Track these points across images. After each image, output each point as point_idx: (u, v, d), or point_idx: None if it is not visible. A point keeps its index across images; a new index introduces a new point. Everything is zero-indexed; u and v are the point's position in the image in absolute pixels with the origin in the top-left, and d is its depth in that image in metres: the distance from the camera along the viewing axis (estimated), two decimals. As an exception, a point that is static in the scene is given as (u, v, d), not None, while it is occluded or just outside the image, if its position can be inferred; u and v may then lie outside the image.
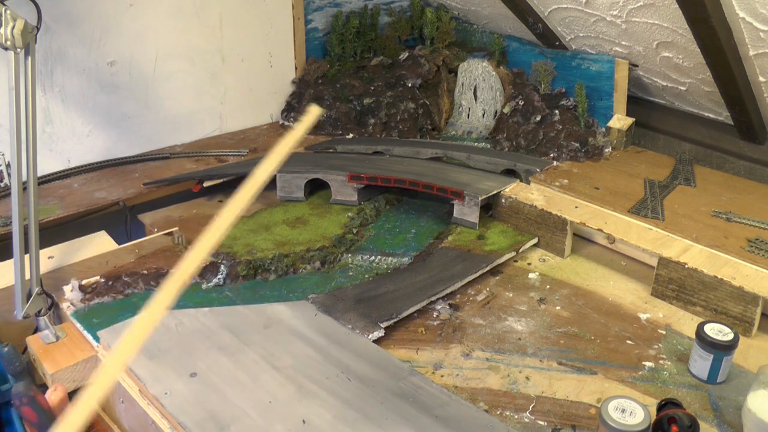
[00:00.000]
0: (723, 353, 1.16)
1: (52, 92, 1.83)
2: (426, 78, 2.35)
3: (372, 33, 2.47)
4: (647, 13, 1.80)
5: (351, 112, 2.30)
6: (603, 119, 2.13)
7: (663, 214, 1.65)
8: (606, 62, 2.09)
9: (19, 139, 1.22)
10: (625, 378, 1.20)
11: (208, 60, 2.14)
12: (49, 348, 1.24)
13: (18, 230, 1.22)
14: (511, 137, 2.18)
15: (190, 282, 1.42)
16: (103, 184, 1.85)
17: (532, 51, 2.29)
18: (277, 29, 2.29)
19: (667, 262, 1.43)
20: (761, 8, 1.51)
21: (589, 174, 1.91)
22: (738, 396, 1.16)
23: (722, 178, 1.93)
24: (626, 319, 1.38)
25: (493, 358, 1.24)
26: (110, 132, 1.98)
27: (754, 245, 1.50)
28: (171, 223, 1.71)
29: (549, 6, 2.07)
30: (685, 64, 1.90)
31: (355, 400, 1.05)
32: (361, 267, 1.54)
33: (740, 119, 1.90)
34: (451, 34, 2.46)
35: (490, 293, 1.46)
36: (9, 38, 1.19)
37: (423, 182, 1.72)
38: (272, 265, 1.49)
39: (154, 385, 1.06)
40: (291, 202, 1.84)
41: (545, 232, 1.64)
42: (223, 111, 2.25)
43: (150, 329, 0.65)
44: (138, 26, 1.94)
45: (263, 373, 1.10)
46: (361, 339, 1.23)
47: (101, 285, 1.38)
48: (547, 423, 1.08)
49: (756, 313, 1.32)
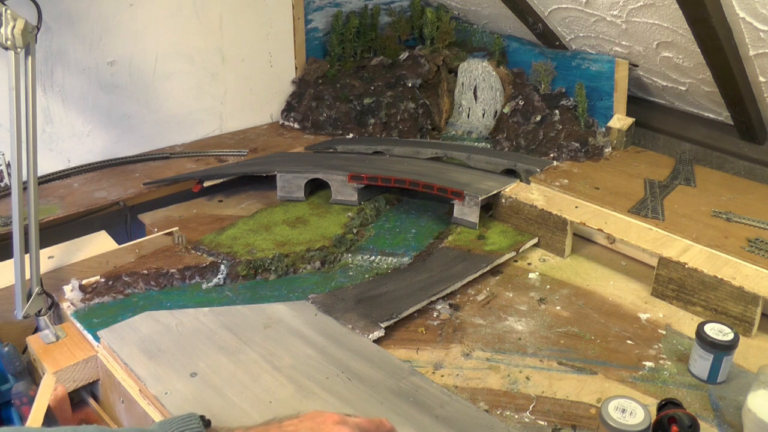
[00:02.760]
0: (723, 353, 1.16)
1: (53, 92, 1.83)
2: (426, 78, 2.35)
3: (372, 33, 2.47)
4: (647, 13, 1.80)
5: (351, 112, 2.30)
6: (603, 119, 2.13)
7: (663, 214, 1.65)
8: (606, 62, 2.09)
9: (19, 139, 1.22)
10: (625, 378, 1.20)
11: (208, 60, 2.14)
12: (49, 348, 1.24)
13: (18, 230, 1.22)
14: (511, 137, 2.18)
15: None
16: (103, 183, 1.85)
17: (532, 51, 2.29)
18: (277, 29, 2.29)
19: (667, 262, 1.43)
20: (761, 8, 1.51)
21: (589, 174, 1.91)
22: (738, 396, 1.16)
23: (722, 178, 1.93)
24: (626, 319, 1.38)
25: (494, 358, 1.24)
26: (110, 132, 1.98)
27: (754, 245, 1.50)
28: (171, 223, 1.71)
29: (549, 6, 2.07)
30: (685, 64, 1.90)
31: (355, 400, 1.05)
32: (361, 267, 1.54)
33: (740, 119, 1.90)
34: (451, 34, 2.47)
35: (490, 293, 1.46)
36: (9, 38, 1.19)
37: (423, 182, 1.72)
38: (272, 265, 1.49)
39: (154, 385, 1.06)
40: (291, 202, 1.84)
41: (545, 232, 1.64)
42: (223, 111, 2.25)
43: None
44: (138, 26, 1.94)
45: (263, 373, 1.10)
46: (361, 339, 1.23)
47: (101, 285, 1.38)
48: (548, 423, 1.08)
49: (756, 313, 1.32)
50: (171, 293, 1.40)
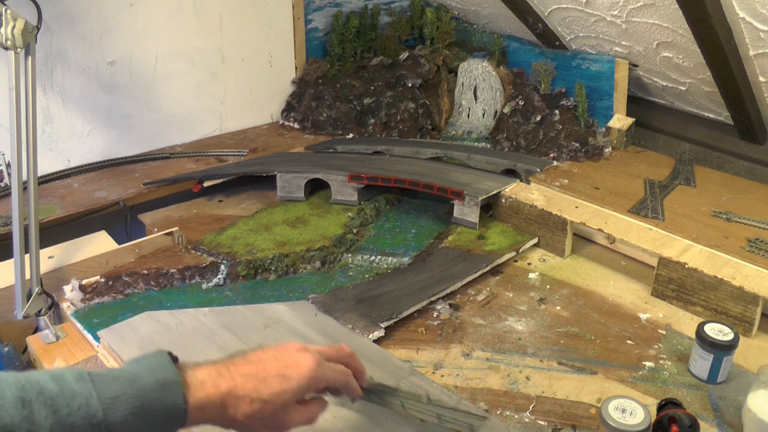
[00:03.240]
0: (723, 353, 1.16)
1: (52, 92, 1.83)
2: (426, 78, 2.35)
3: (372, 33, 2.47)
4: (647, 13, 1.80)
5: (351, 112, 2.30)
6: (603, 119, 2.13)
7: (663, 214, 1.65)
8: (606, 62, 2.09)
9: (19, 139, 1.22)
10: (625, 378, 1.20)
11: (208, 60, 2.14)
12: (49, 348, 1.24)
13: (18, 230, 1.22)
14: (511, 137, 2.18)
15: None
16: (103, 183, 1.85)
17: (532, 51, 2.29)
18: (277, 29, 2.29)
19: (667, 262, 1.43)
20: (761, 8, 1.51)
21: (589, 174, 1.91)
22: (738, 396, 1.16)
23: (722, 178, 1.93)
24: (626, 319, 1.38)
25: (494, 358, 1.24)
26: (110, 132, 1.98)
27: (754, 245, 1.50)
28: (171, 223, 1.71)
29: (549, 6, 2.07)
30: (685, 64, 1.90)
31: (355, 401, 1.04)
32: (361, 267, 1.54)
33: (740, 119, 1.90)
34: (451, 34, 2.47)
35: (490, 293, 1.46)
36: (9, 38, 1.19)
37: (423, 182, 1.72)
38: (272, 265, 1.49)
39: (155, 385, 1.06)
40: (291, 202, 1.84)
41: (545, 232, 1.64)
42: (223, 111, 2.25)
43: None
44: (138, 26, 1.94)
45: (263, 373, 1.10)
46: (361, 339, 1.23)
47: (101, 285, 1.38)
48: (548, 423, 1.08)
49: (756, 313, 1.32)
50: (171, 293, 1.40)
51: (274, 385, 0.78)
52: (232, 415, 0.76)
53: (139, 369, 0.73)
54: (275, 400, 0.78)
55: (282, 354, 0.82)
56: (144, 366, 0.74)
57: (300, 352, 0.83)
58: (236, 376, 0.77)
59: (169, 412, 0.72)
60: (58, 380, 0.67)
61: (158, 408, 0.71)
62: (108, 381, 0.70)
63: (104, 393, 0.68)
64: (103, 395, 0.68)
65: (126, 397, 0.69)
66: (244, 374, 0.78)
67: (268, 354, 0.82)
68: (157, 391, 0.71)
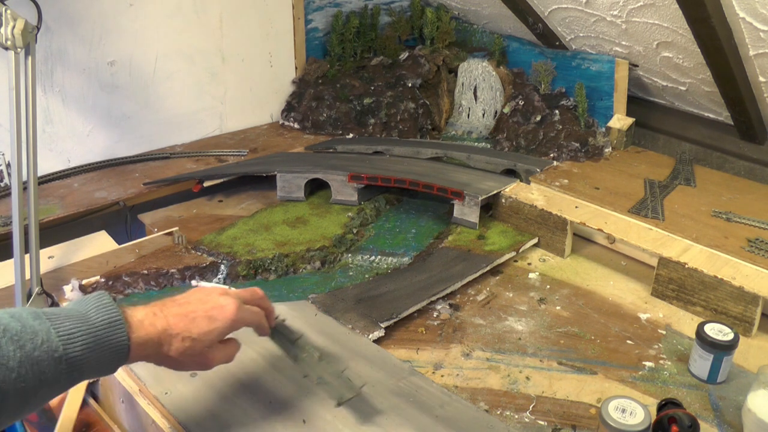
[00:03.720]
0: (723, 353, 1.16)
1: (52, 92, 1.83)
2: (426, 78, 2.35)
3: (372, 33, 2.47)
4: (647, 13, 1.80)
5: (351, 112, 2.30)
6: (603, 119, 2.13)
7: (663, 214, 1.65)
8: (606, 62, 2.09)
9: (19, 139, 1.22)
10: (625, 378, 1.20)
11: (208, 60, 2.14)
12: (49, 348, 1.24)
13: (18, 230, 1.22)
14: (511, 137, 2.18)
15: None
16: (103, 183, 1.85)
17: (532, 51, 2.29)
18: (277, 29, 2.29)
19: (667, 262, 1.43)
20: (761, 8, 1.51)
21: (589, 174, 1.91)
22: (738, 396, 1.16)
23: (722, 178, 1.93)
24: (626, 319, 1.38)
25: (494, 358, 1.24)
26: (110, 132, 1.98)
27: (754, 245, 1.50)
28: (171, 223, 1.71)
29: (549, 6, 2.07)
30: (685, 64, 1.90)
31: (354, 400, 1.04)
32: (361, 267, 1.54)
33: (740, 119, 1.90)
34: (451, 34, 2.47)
35: (490, 293, 1.46)
36: (9, 38, 1.19)
37: (423, 182, 1.72)
38: (272, 264, 1.49)
39: (155, 385, 1.06)
40: (291, 202, 1.84)
41: (545, 232, 1.64)
42: (223, 111, 2.25)
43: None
44: (138, 26, 1.94)
45: (263, 373, 1.10)
46: (361, 339, 1.23)
47: (101, 285, 1.38)
48: (548, 423, 1.09)
49: (756, 313, 1.32)
50: (171, 293, 1.40)
51: (203, 325, 0.85)
52: (166, 352, 0.83)
53: (86, 308, 0.78)
54: (203, 339, 0.85)
55: (207, 297, 0.89)
56: (91, 306, 0.78)
57: (223, 296, 0.90)
58: (169, 317, 0.84)
59: (116, 348, 0.77)
60: (18, 318, 0.71)
61: (107, 345, 0.76)
62: (62, 319, 0.74)
63: (61, 330, 0.73)
64: (60, 332, 0.73)
65: (80, 334, 0.74)
66: (175, 314, 0.85)
67: (194, 297, 0.89)
68: (105, 329, 0.77)
